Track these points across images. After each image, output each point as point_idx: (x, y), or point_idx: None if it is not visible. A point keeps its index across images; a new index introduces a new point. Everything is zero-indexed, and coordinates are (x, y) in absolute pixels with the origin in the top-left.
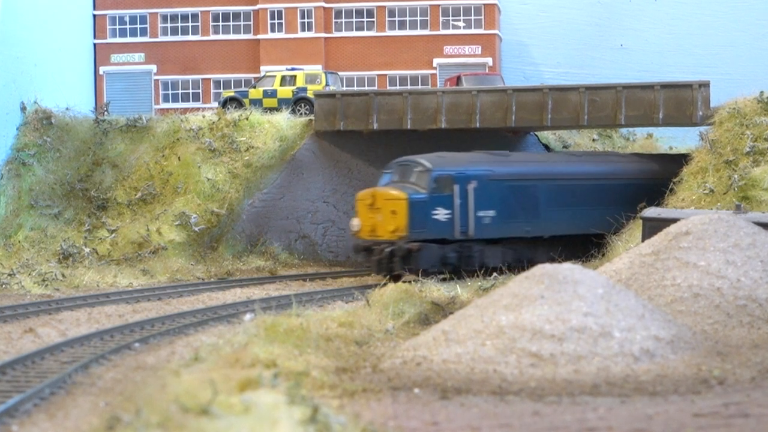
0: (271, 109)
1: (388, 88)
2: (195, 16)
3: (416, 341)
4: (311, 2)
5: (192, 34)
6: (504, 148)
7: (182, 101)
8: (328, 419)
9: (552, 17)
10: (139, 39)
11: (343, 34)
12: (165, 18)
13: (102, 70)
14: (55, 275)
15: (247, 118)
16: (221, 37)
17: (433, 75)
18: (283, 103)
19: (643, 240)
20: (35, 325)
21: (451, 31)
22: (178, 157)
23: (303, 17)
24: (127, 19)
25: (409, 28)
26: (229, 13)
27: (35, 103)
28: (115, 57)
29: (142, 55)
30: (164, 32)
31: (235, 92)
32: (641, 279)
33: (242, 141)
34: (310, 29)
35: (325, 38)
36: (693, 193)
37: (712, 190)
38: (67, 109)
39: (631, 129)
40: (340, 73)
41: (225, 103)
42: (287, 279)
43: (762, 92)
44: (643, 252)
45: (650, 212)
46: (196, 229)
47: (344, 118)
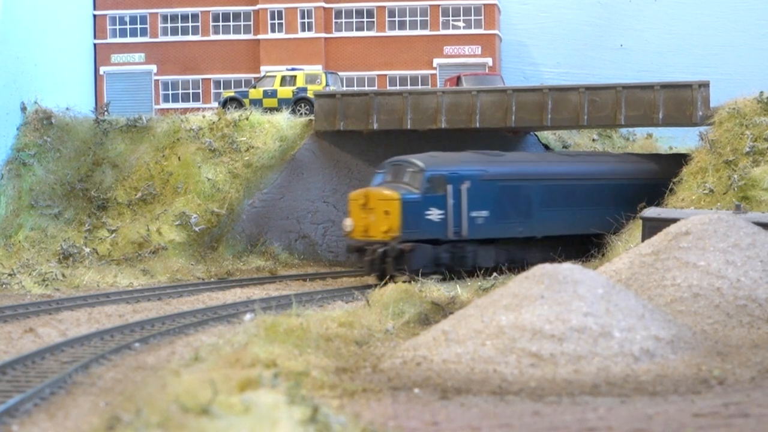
0: (271, 109)
1: (388, 88)
2: (195, 16)
3: (416, 341)
4: (311, 2)
5: (192, 34)
6: (504, 148)
7: (182, 101)
8: (328, 419)
9: (552, 17)
10: (139, 39)
11: (343, 34)
12: (165, 18)
13: (102, 70)
14: (56, 275)
15: (247, 118)
16: (221, 37)
17: (433, 75)
18: (283, 103)
19: (643, 240)
20: (35, 325)
21: (451, 31)
22: (179, 157)
23: (303, 17)
24: (127, 19)
25: (409, 28)
26: (229, 13)
27: (35, 103)
28: (115, 57)
29: (143, 55)
30: (164, 32)
31: (235, 92)
32: (641, 279)
33: (242, 141)
34: (310, 29)
35: (325, 38)
36: (693, 193)
37: (711, 190)
38: (67, 109)
39: (631, 129)
40: (340, 73)
41: (225, 103)
42: (287, 279)
43: (762, 92)
44: (643, 252)
45: (650, 212)
46: (197, 229)
47: (344, 118)
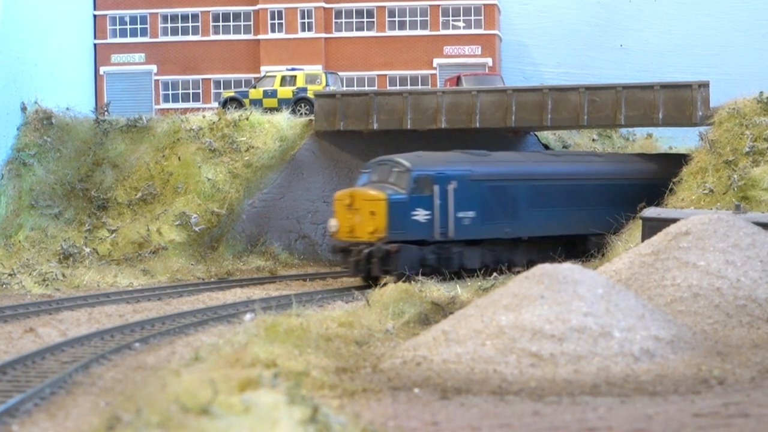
0: (271, 109)
1: (388, 88)
2: (195, 17)
3: (416, 341)
4: (311, 2)
5: (192, 34)
6: (504, 148)
7: (182, 101)
8: (328, 419)
9: (552, 17)
10: (139, 39)
11: (343, 34)
12: (165, 18)
13: (102, 70)
14: (56, 275)
15: (247, 118)
16: (221, 37)
17: (433, 75)
18: (283, 103)
19: (643, 240)
20: (36, 324)
21: (451, 32)
22: (179, 157)
23: (303, 17)
24: (127, 19)
25: (409, 29)
26: (230, 14)
27: (36, 103)
28: (115, 57)
29: (143, 55)
30: (164, 32)
31: (235, 92)
32: (641, 279)
33: (242, 141)
34: (310, 29)
35: (325, 38)
36: (693, 193)
37: (711, 190)
38: (67, 109)
39: (630, 129)
40: (340, 73)
41: (225, 103)
42: (287, 279)
43: (762, 92)
44: (642, 252)
45: (650, 212)
46: (197, 229)
47: (344, 118)
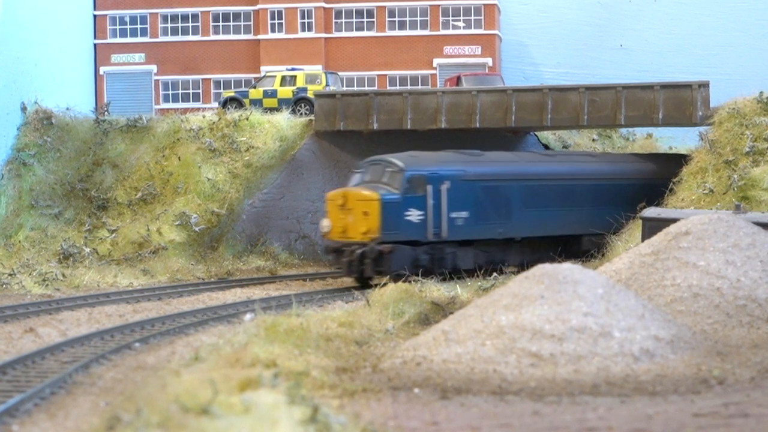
0: (272, 109)
1: (388, 88)
2: (195, 17)
3: (416, 341)
4: (311, 2)
5: (192, 34)
6: (504, 149)
7: (182, 101)
8: (328, 419)
9: (552, 17)
10: (139, 39)
11: (343, 34)
12: (165, 18)
13: (102, 70)
14: (56, 275)
15: (247, 118)
16: (221, 37)
17: (433, 75)
18: (283, 103)
19: (643, 240)
20: (36, 324)
21: (451, 32)
22: (179, 157)
23: (303, 17)
24: (127, 19)
25: (409, 28)
26: (229, 14)
27: (35, 103)
28: (115, 57)
29: (143, 55)
30: (164, 32)
31: (235, 92)
32: (641, 279)
33: (242, 141)
34: (310, 29)
35: (325, 38)
36: (693, 193)
37: (711, 190)
38: (67, 109)
39: (630, 129)
40: (340, 73)
41: (225, 103)
42: (287, 279)
43: (762, 92)
44: (642, 252)
45: (650, 212)
46: (197, 229)
47: (344, 118)
